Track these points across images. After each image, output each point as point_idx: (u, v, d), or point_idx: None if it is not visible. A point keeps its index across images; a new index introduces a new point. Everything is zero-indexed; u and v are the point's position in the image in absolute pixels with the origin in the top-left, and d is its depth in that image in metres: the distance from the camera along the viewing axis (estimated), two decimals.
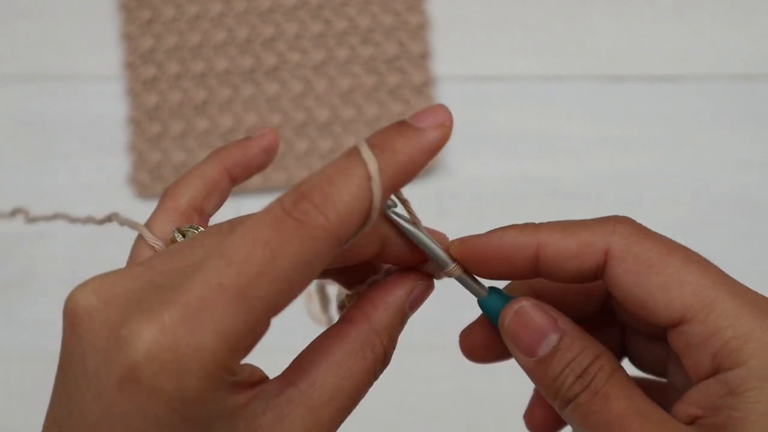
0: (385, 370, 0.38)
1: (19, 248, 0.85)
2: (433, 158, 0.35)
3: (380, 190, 0.33)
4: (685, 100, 0.88)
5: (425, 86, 0.88)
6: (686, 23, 0.90)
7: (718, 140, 0.88)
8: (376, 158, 0.33)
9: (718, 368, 0.35)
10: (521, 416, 0.45)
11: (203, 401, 0.32)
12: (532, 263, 0.38)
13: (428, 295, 0.39)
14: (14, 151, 0.88)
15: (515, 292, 0.42)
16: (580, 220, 0.38)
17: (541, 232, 0.38)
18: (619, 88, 0.89)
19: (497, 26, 0.90)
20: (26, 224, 0.48)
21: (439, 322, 0.43)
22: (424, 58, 0.89)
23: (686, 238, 0.39)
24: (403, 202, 0.38)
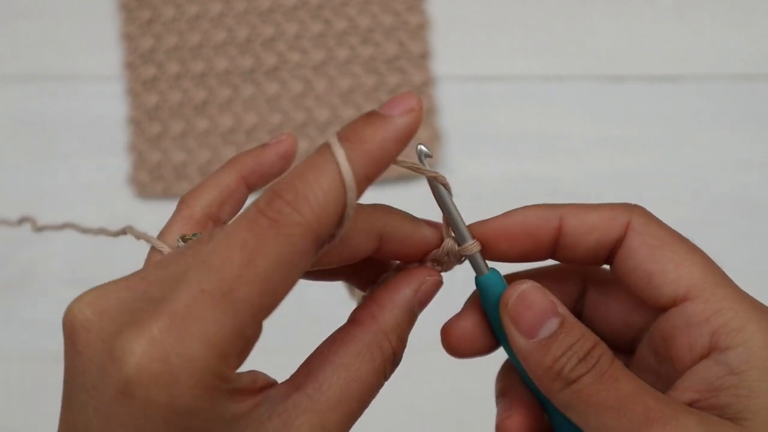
0: (395, 367, 0.37)
1: (19, 248, 0.85)
2: (406, 144, 0.35)
3: (353, 182, 0.33)
4: (685, 100, 0.88)
5: (425, 86, 0.88)
6: (686, 23, 0.90)
7: (718, 140, 0.88)
8: (345, 151, 0.33)
9: (715, 346, 0.36)
10: None
11: (198, 411, 0.32)
12: (554, 239, 0.39)
13: (437, 290, 0.39)
14: (14, 151, 0.88)
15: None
16: (598, 203, 0.40)
17: (562, 208, 0.40)
18: (619, 88, 0.89)
19: (497, 26, 0.90)
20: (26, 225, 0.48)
21: (438, 322, 0.43)
22: (424, 58, 0.89)
23: (686, 237, 0.39)
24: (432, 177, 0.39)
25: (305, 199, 0.32)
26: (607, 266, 0.41)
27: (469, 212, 0.40)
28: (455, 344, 0.41)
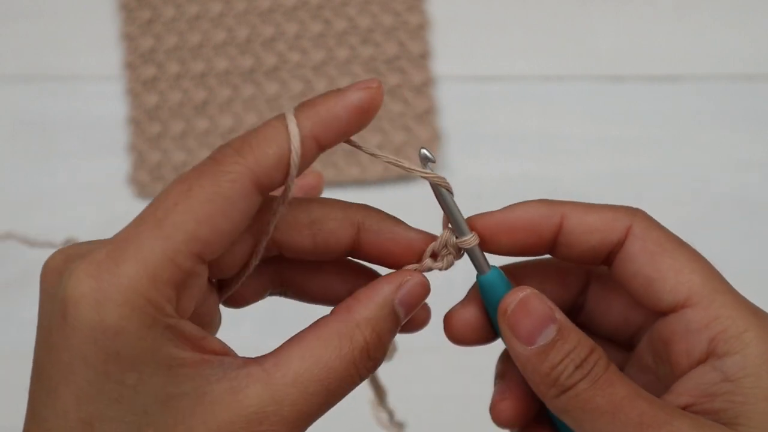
0: (375, 366, 0.37)
1: (19, 248, 0.85)
2: (362, 118, 0.37)
3: (297, 133, 0.35)
4: (685, 100, 0.88)
5: (425, 86, 0.88)
6: (686, 23, 0.90)
7: (718, 140, 0.88)
8: (296, 113, 0.36)
9: (712, 353, 0.36)
10: None
11: (126, 333, 0.32)
12: (554, 235, 0.39)
13: (422, 293, 0.39)
14: (14, 151, 0.88)
15: (530, 271, 0.43)
16: (601, 204, 0.40)
17: (564, 205, 0.40)
18: (619, 88, 0.89)
19: (497, 26, 0.90)
20: (26, 225, 0.48)
21: (436, 323, 0.43)
22: (424, 58, 0.89)
23: (686, 238, 0.39)
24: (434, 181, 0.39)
25: (248, 145, 0.35)
26: (605, 267, 0.41)
27: (469, 212, 0.40)
28: (457, 333, 0.41)
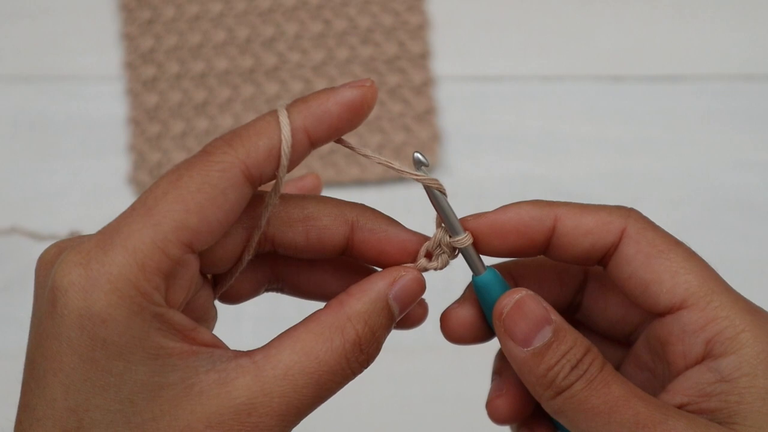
0: (368, 360, 0.37)
1: (21, 247, 0.85)
2: (354, 114, 0.36)
3: (288, 125, 0.35)
4: (685, 100, 0.88)
5: (425, 86, 0.88)
6: (686, 23, 0.90)
7: (718, 140, 0.88)
8: (288, 108, 0.36)
9: (708, 354, 0.37)
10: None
11: (113, 321, 0.32)
12: (547, 237, 0.39)
13: (417, 289, 0.38)
14: (14, 151, 0.88)
15: (530, 269, 0.43)
16: (596, 205, 0.39)
17: (558, 207, 0.39)
18: (619, 88, 0.89)
19: (497, 26, 0.90)
20: (26, 225, 0.48)
21: (437, 324, 0.43)
22: (424, 58, 0.89)
23: (686, 238, 0.39)
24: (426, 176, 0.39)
25: (239, 137, 0.35)
26: (599, 267, 0.41)
27: (468, 212, 0.40)
28: (453, 332, 0.41)
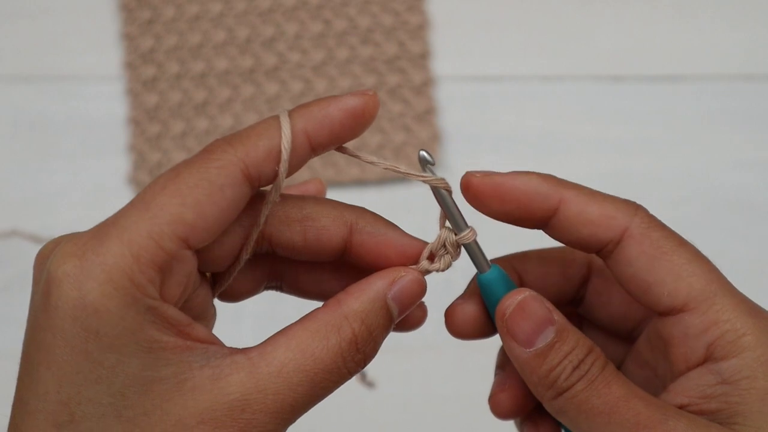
0: (365, 360, 0.37)
1: (20, 248, 0.85)
2: (355, 121, 0.37)
3: (289, 128, 0.35)
4: (685, 100, 0.88)
5: (425, 86, 0.88)
6: (686, 23, 0.90)
7: (718, 140, 0.88)
8: (290, 112, 0.36)
9: (709, 357, 0.36)
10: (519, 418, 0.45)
11: (107, 312, 0.32)
12: (548, 216, 0.38)
13: (418, 290, 0.38)
14: (14, 151, 0.88)
15: (533, 261, 0.43)
16: (605, 194, 0.39)
17: (566, 188, 0.38)
18: (619, 88, 0.89)
19: (497, 26, 0.90)
20: (26, 225, 0.48)
21: (439, 322, 0.43)
22: (424, 58, 0.89)
23: (686, 237, 0.39)
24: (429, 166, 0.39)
25: (239, 138, 0.35)
26: (602, 261, 0.41)
27: (468, 212, 0.40)
28: (458, 327, 0.41)
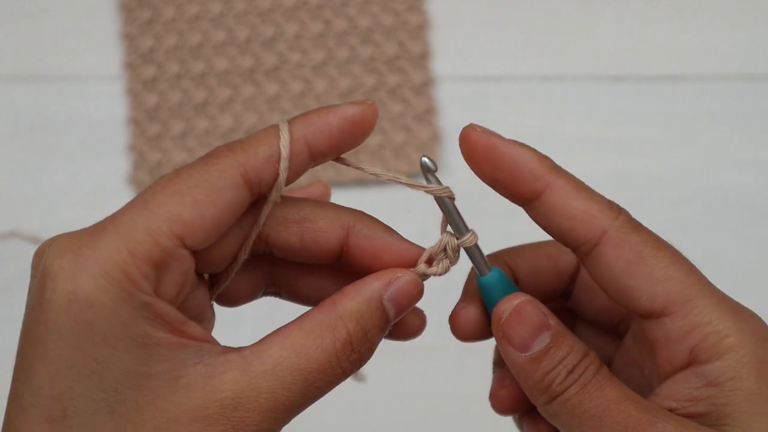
0: (360, 360, 0.37)
1: (20, 248, 0.85)
2: (354, 129, 0.37)
3: (287, 134, 0.36)
4: (685, 100, 0.88)
5: (425, 86, 0.88)
6: (686, 23, 0.90)
7: (718, 140, 0.88)
8: (290, 120, 0.37)
9: (693, 360, 0.36)
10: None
11: (100, 306, 0.33)
12: (532, 196, 0.38)
13: (414, 291, 0.38)
14: (14, 151, 0.88)
15: (525, 256, 0.43)
16: (593, 191, 0.39)
17: (557, 175, 0.39)
18: (619, 88, 0.89)
19: (497, 26, 0.90)
20: (26, 225, 0.48)
21: (438, 324, 0.43)
22: (424, 58, 0.89)
23: (686, 238, 0.39)
24: (432, 172, 0.40)
25: (240, 144, 0.36)
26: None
27: (468, 212, 0.40)
28: (463, 331, 0.41)
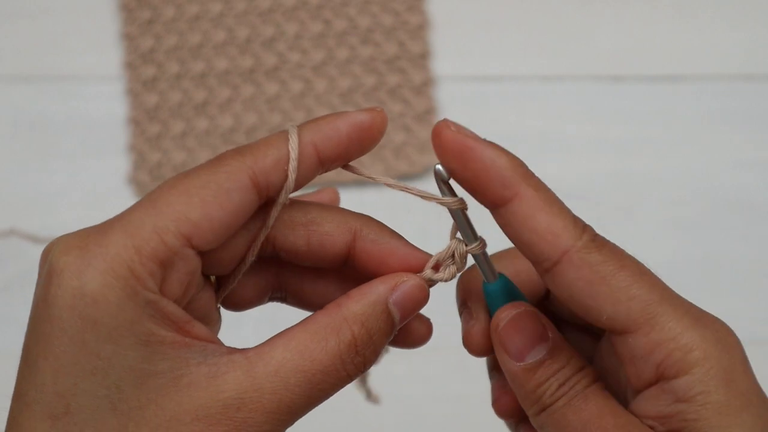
0: (365, 363, 0.37)
1: (20, 248, 0.85)
2: (362, 136, 0.37)
3: (296, 138, 0.36)
4: (685, 100, 0.88)
5: (425, 86, 0.88)
6: (686, 23, 0.90)
7: (718, 140, 0.88)
8: (299, 126, 0.37)
9: (661, 377, 0.36)
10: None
11: (106, 302, 0.33)
12: (499, 203, 0.37)
13: (420, 296, 0.38)
14: (14, 151, 0.88)
15: (507, 258, 0.43)
16: (561, 205, 0.37)
17: (527, 185, 0.37)
18: (619, 88, 0.89)
19: (497, 26, 0.90)
20: (26, 225, 0.48)
21: (440, 324, 0.43)
22: (424, 58, 0.89)
23: (686, 238, 0.39)
24: (447, 184, 0.39)
25: (249, 147, 0.36)
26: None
27: (470, 214, 0.40)
28: (478, 348, 0.41)
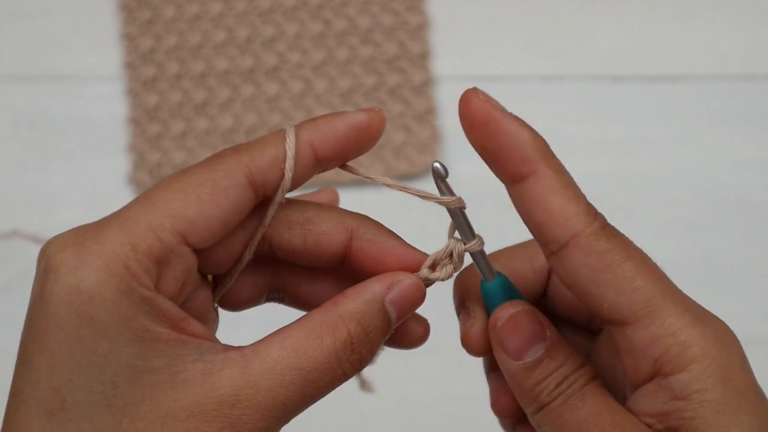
0: (361, 361, 0.37)
1: (21, 248, 0.85)
2: (360, 136, 0.37)
3: (293, 137, 0.37)
4: (685, 100, 0.88)
5: (425, 86, 0.88)
6: (686, 23, 0.90)
7: (718, 140, 0.88)
8: (296, 126, 0.37)
9: (658, 372, 0.36)
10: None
11: (101, 299, 0.33)
12: (516, 178, 0.38)
13: (416, 295, 0.38)
14: (14, 151, 0.88)
15: (504, 257, 0.43)
16: (577, 189, 0.38)
17: (546, 165, 0.38)
18: (619, 88, 0.89)
19: (497, 26, 0.90)
20: (26, 225, 0.48)
21: (438, 324, 0.43)
22: (424, 58, 0.89)
23: (686, 238, 0.39)
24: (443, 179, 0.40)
25: (246, 146, 0.36)
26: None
27: (468, 212, 0.40)
28: (477, 348, 0.41)
